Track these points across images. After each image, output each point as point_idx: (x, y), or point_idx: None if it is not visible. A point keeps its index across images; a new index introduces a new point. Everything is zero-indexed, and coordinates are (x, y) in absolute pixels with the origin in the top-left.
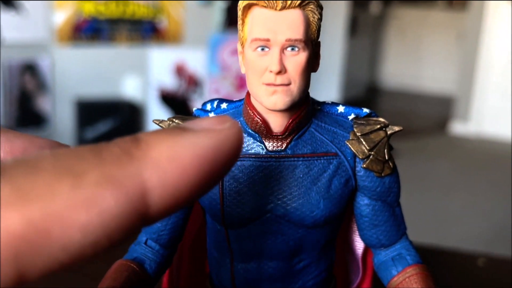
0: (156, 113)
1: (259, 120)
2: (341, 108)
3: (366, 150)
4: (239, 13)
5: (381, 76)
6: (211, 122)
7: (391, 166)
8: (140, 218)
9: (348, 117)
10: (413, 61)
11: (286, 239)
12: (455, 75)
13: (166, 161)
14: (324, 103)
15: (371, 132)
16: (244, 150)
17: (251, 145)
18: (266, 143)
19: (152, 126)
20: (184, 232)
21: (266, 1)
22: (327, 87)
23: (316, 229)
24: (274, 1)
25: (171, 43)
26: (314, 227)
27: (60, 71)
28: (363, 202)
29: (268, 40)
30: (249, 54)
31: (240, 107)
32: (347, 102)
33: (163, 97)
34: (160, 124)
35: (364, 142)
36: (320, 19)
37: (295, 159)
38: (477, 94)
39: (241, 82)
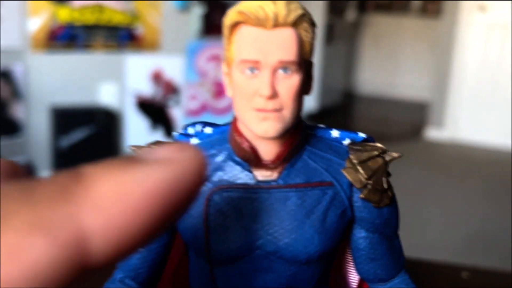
0: (133, 120)
1: (247, 148)
2: (335, 133)
3: (363, 179)
4: (225, 31)
5: (357, 83)
6: (168, 151)
7: (390, 196)
8: (79, 268)
9: (343, 142)
10: (388, 68)
11: (277, 277)
12: (430, 82)
13: (111, 200)
14: (316, 127)
15: (369, 159)
16: (230, 180)
17: (239, 175)
18: (255, 173)
19: (129, 132)
20: (164, 269)
21: (256, 19)
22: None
23: (310, 265)
24: (265, 18)
25: (148, 50)
26: (308, 263)
27: (35, 78)
28: (360, 235)
29: (258, 62)
30: (237, 76)
31: (226, 132)
32: (323, 109)
33: (140, 104)
34: (137, 151)
35: (361, 171)
36: (313, 38)
37: (287, 189)
38: (451, 101)
39: (218, 89)
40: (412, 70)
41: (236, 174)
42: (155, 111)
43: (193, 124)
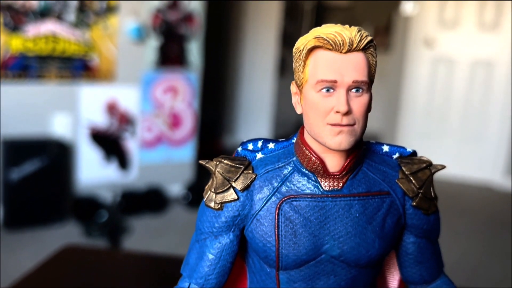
0: (86, 152)
1: (316, 160)
2: (386, 148)
3: (415, 189)
4: (299, 54)
5: None
6: None
7: (436, 204)
8: None
9: (393, 156)
10: None
11: (339, 279)
12: (380, 114)
13: None
14: (369, 142)
15: (419, 170)
16: (299, 190)
17: (306, 185)
18: (322, 183)
19: (82, 164)
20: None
21: (333, 44)
22: (258, 126)
23: (367, 269)
24: (341, 44)
25: (103, 81)
26: (367, 266)
27: None
28: (409, 240)
29: (335, 81)
30: (312, 95)
31: (289, 146)
32: (278, 139)
33: (93, 136)
34: (207, 165)
35: (413, 181)
36: (376, 61)
37: (351, 198)
38: (401, 132)
39: (174, 120)
40: None
41: (304, 184)
42: (109, 143)
43: (252, 141)
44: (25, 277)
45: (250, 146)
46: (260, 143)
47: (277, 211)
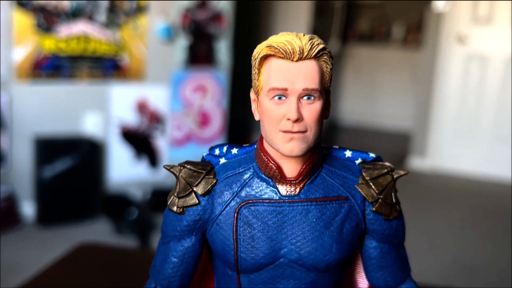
0: (117, 150)
1: (273, 166)
2: (348, 153)
3: (375, 194)
4: (254, 62)
5: (340, 114)
6: None
7: (398, 210)
8: None
9: (356, 161)
10: (370, 99)
11: (298, 283)
12: (411, 112)
13: None
14: (331, 147)
15: (379, 176)
16: (257, 195)
17: (264, 190)
18: (280, 188)
19: (112, 162)
20: (193, 278)
21: (284, 52)
22: None
23: (328, 273)
24: (292, 52)
25: (133, 80)
26: (326, 271)
27: (19, 108)
28: (371, 245)
29: (285, 89)
30: (266, 102)
31: (251, 152)
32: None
33: (124, 134)
34: (172, 170)
35: (373, 186)
36: (332, 69)
37: (308, 203)
38: (433, 130)
39: (203, 119)
40: (393, 101)
41: (262, 189)
42: (139, 141)
43: (219, 146)
44: (38, 274)
45: (217, 151)
46: (225, 148)
47: (235, 216)
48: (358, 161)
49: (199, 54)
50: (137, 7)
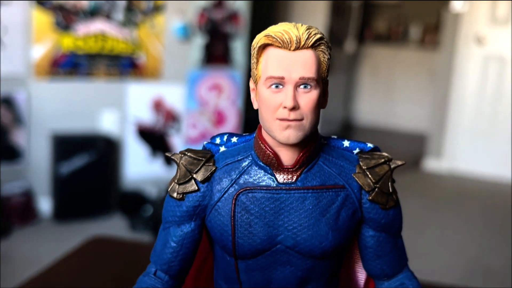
0: (133, 147)
1: (270, 154)
2: (346, 143)
3: (371, 183)
4: (253, 52)
5: (355, 113)
6: None
7: (395, 199)
8: None
9: (354, 151)
10: (386, 99)
11: (295, 270)
12: (428, 113)
13: None
14: (330, 137)
15: (376, 166)
16: (255, 182)
17: (262, 178)
18: (277, 176)
19: (128, 160)
20: (192, 264)
21: (281, 42)
22: None
23: (324, 260)
24: (289, 42)
25: (149, 79)
26: (322, 258)
27: (37, 105)
28: (368, 234)
29: (282, 78)
30: (263, 91)
31: (250, 141)
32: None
33: (140, 132)
34: (172, 157)
35: (370, 175)
36: (329, 59)
37: (305, 191)
38: (449, 131)
39: (218, 118)
40: (410, 101)
41: (260, 177)
42: (155, 139)
43: (220, 135)
44: (50, 266)
45: (218, 140)
46: (225, 137)
47: (233, 202)
48: (356, 150)
49: (215, 54)
50: (154, 6)
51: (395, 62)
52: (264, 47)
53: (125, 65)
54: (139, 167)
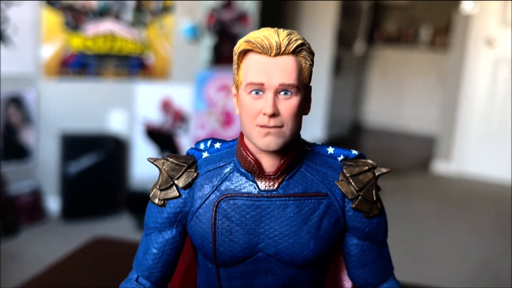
0: (141, 148)
1: (252, 160)
2: (330, 150)
3: (355, 191)
4: (235, 58)
5: (365, 115)
6: None
7: (379, 207)
8: None
9: (338, 158)
10: (395, 101)
11: (277, 278)
12: (437, 115)
13: None
14: (314, 144)
15: (360, 173)
16: (236, 189)
17: (244, 185)
18: (259, 183)
19: (136, 160)
20: (175, 270)
21: (261, 47)
22: (312, 126)
23: (306, 269)
24: (269, 47)
25: (158, 79)
26: (304, 266)
27: (46, 104)
28: (351, 242)
29: (262, 84)
30: (244, 97)
31: (233, 147)
32: (331, 141)
33: (148, 132)
34: (155, 163)
35: (353, 183)
36: (311, 65)
37: (287, 198)
38: (459, 134)
39: (227, 118)
40: (419, 103)
41: (242, 183)
42: (163, 139)
43: (205, 141)
44: (50, 267)
45: (202, 146)
46: (209, 143)
47: (214, 209)
48: (340, 158)
49: (224, 54)
50: (163, 6)
51: (405, 64)
52: (245, 52)
53: (134, 65)
54: (147, 167)
